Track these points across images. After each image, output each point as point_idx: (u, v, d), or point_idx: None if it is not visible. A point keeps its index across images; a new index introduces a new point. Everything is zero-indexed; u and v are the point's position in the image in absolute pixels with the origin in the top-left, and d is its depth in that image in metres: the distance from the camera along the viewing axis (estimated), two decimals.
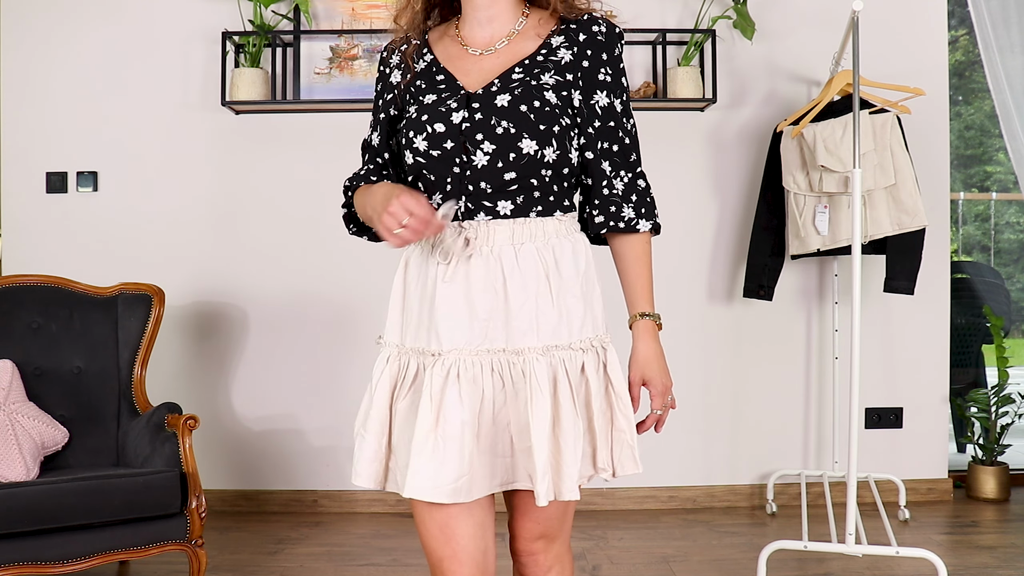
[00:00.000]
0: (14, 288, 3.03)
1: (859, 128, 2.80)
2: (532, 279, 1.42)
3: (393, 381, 1.46)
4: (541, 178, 1.44)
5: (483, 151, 1.41)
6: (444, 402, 1.38)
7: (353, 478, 1.46)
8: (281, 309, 3.73)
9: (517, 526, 1.54)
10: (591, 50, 1.47)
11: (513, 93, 1.42)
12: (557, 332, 1.42)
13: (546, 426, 1.37)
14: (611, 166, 1.50)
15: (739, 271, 3.74)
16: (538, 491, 1.37)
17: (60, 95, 3.70)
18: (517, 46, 1.48)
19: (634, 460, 1.47)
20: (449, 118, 1.42)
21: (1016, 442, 3.97)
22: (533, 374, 1.39)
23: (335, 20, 3.68)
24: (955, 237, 4.75)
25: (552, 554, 1.55)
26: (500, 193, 1.42)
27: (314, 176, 3.67)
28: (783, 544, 2.76)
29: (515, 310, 1.41)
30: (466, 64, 1.48)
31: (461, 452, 1.37)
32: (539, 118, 1.41)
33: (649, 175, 1.60)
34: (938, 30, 3.77)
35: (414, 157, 1.45)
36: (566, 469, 1.38)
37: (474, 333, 1.41)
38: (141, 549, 2.56)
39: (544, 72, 1.45)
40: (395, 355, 1.47)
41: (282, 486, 3.73)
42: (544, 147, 1.42)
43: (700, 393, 3.77)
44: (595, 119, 1.47)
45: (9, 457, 2.66)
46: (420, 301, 1.46)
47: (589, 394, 1.44)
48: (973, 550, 3.16)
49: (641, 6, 3.70)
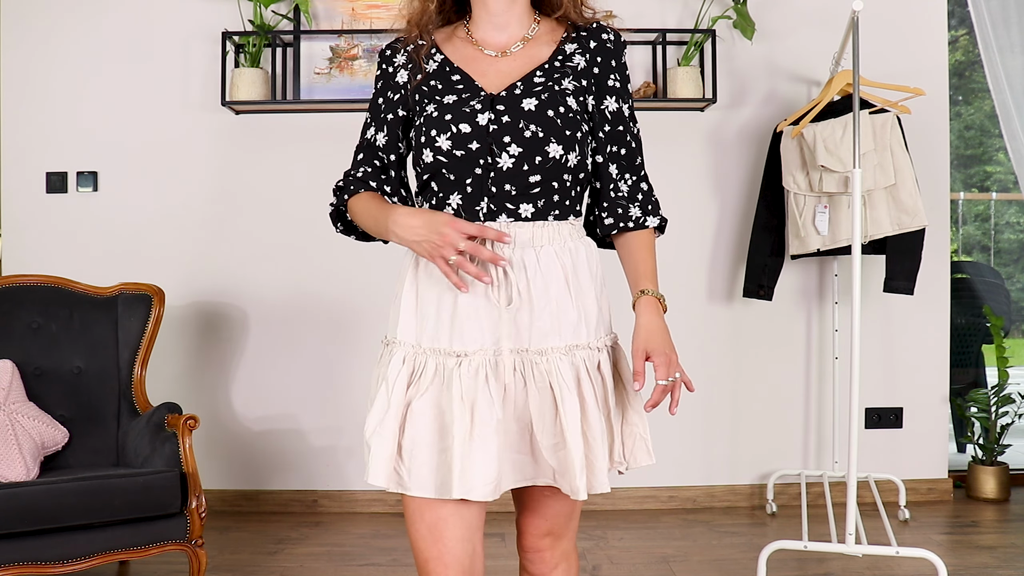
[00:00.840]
0: (14, 288, 3.03)
1: (859, 128, 2.79)
2: (553, 281, 1.45)
3: (408, 381, 1.46)
4: (562, 182, 1.47)
5: (509, 153, 1.43)
6: (477, 403, 1.41)
7: (370, 478, 1.44)
8: (281, 309, 3.73)
9: (525, 522, 1.57)
10: (601, 57, 1.52)
11: (540, 97, 1.45)
12: (577, 332, 1.46)
13: (577, 424, 1.41)
14: (618, 169, 1.54)
15: (739, 271, 3.74)
16: (577, 485, 1.40)
17: (60, 95, 3.70)
18: (533, 50, 1.51)
19: (647, 452, 1.52)
20: (475, 119, 1.44)
21: (1016, 442, 3.97)
22: (559, 372, 1.43)
23: (335, 20, 3.68)
24: (955, 237, 4.75)
25: (559, 551, 1.58)
26: (523, 196, 1.45)
27: (314, 176, 3.67)
28: (783, 544, 2.76)
29: (538, 311, 1.44)
30: (482, 66, 1.51)
31: (498, 451, 1.40)
32: (565, 123, 1.45)
33: (649, 175, 1.62)
34: (938, 30, 3.77)
35: (435, 156, 1.45)
36: (598, 463, 1.43)
37: (499, 333, 1.44)
38: (141, 549, 2.57)
39: (564, 77, 1.49)
40: (411, 355, 1.47)
41: (282, 486, 3.73)
42: (569, 152, 1.45)
43: (700, 393, 3.76)
44: (605, 123, 1.52)
45: (9, 457, 2.66)
46: (438, 302, 1.46)
47: (606, 391, 1.48)
48: (973, 550, 3.16)
49: (641, 6, 3.70)
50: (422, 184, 1.52)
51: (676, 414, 1.47)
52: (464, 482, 1.38)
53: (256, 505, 3.71)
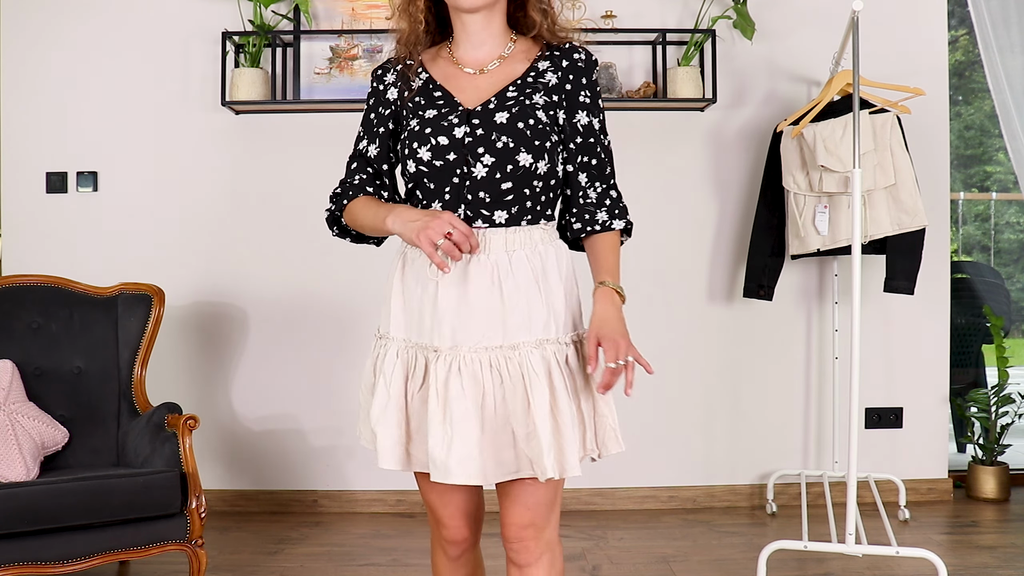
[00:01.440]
0: (14, 288, 3.03)
1: (859, 128, 2.79)
2: (524, 282, 1.58)
3: (405, 374, 1.62)
4: (533, 189, 1.60)
5: (483, 163, 1.57)
6: (449, 395, 1.54)
7: (380, 462, 1.60)
8: (281, 309, 3.73)
9: (508, 514, 1.65)
10: (573, 75, 1.65)
11: (511, 111, 1.58)
12: (547, 327, 1.59)
13: (546, 409, 1.53)
14: (588, 178, 1.66)
15: (739, 271, 3.74)
16: (545, 465, 1.51)
17: (60, 95, 3.70)
18: (508, 68, 1.65)
19: (616, 440, 1.62)
20: (452, 132, 1.58)
21: (1016, 442, 3.97)
22: (529, 365, 1.55)
23: (335, 20, 3.68)
24: (955, 237, 4.75)
25: (543, 542, 1.65)
26: (497, 203, 1.59)
27: (314, 176, 3.66)
28: (783, 544, 2.77)
29: (510, 309, 1.57)
30: (461, 82, 1.64)
31: (468, 438, 1.53)
32: (534, 134, 1.58)
33: (649, 175, 1.67)
34: (938, 30, 3.77)
35: (416, 166, 1.60)
36: (568, 447, 1.53)
37: (473, 331, 1.56)
38: (141, 549, 2.57)
39: (535, 92, 1.62)
40: (403, 349, 1.62)
41: (282, 486, 3.73)
42: (538, 160, 1.59)
43: (700, 393, 3.77)
44: (576, 136, 1.64)
45: (9, 457, 2.66)
46: (421, 300, 1.61)
47: (575, 383, 1.60)
48: (973, 550, 3.16)
49: (641, 6, 3.70)
50: (408, 192, 1.67)
51: (631, 395, 1.53)
52: (438, 467, 1.54)
53: (256, 505, 3.71)
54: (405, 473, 1.68)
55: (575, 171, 1.65)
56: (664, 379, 3.74)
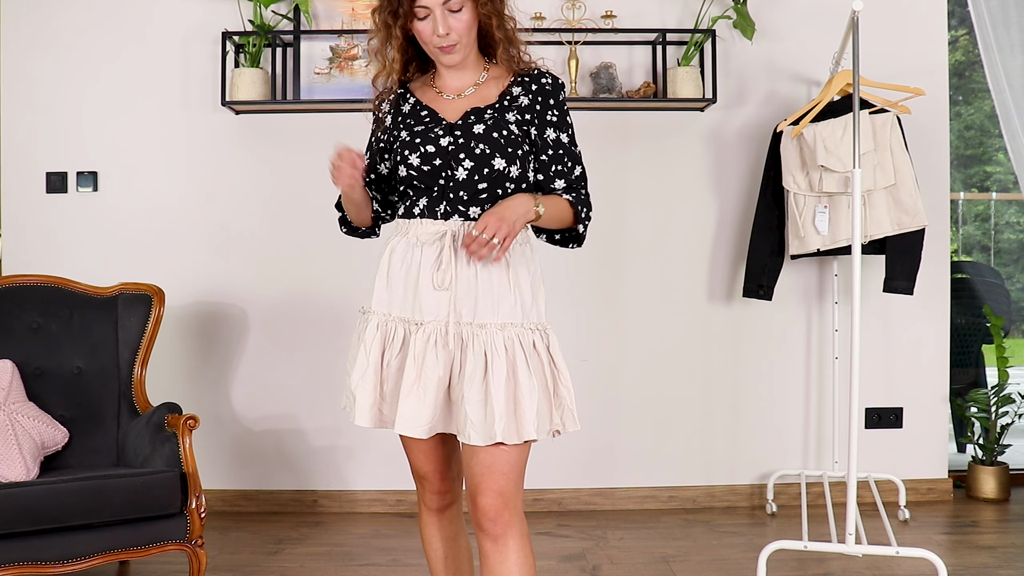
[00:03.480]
0: (14, 288, 3.03)
1: (859, 128, 2.79)
2: (495, 271, 1.82)
3: (382, 343, 1.86)
4: (505, 189, 1.86)
5: (464, 167, 1.83)
6: (425, 362, 1.79)
7: (356, 420, 1.85)
8: (281, 309, 3.73)
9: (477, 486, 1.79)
10: (541, 97, 1.90)
11: (487, 123, 1.85)
12: (512, 313, 1.81)
13: (502, 382, 1.75)
14: (564, 184, 1.91)
15: (739, 271, 3.74)
16: (495, 431, 1.72)
17: (60, 95, 3.70)
18: (483, 92, 1.91)
19: (574, 420, 1.84)
20: (438, 141, 1.85)
21: (1016, 442, 3.97)
22: (492, 342, 1.78)
23: (335, 20, 3.68)
24: (955, 237, 4.76)
25: (513, 512, 1.80)
26: (473, 200, 1.84)
27: (314, 176, 3.65)
28: (783, 544, 2.77)
29: (482, 294, 1.80)
30: (443, 104, 1.92)
31: (435, 401, 1.79)
32: (507, 143, 1.84)
33: (649, 175, 1.73)
34: (938, 30, 3.77)
35: (407, 171, 1.86)
36: (525, 415, 1.74)
37: (449, 309, 1.80)
38: (141, 549, 2.57)
39: (508, 111, 1.88)
40: (383, 322, 1.86)
41: (282, 486, 3.73)
42: (510, 165, 1.84)
43: (700, 393, 3.77)
44: (548, 149, 1.90)
45: (9, 457, 2.66)
46: (405, 281, 1.85)
47: (542, 365, 1.80)
48: (973, 550, 3.16)
49: (641, 6, 3.70)
50: (400, 193, 1.93)
51: (499, 257, 1.76)
52: (402, 421, 1.78)
53: (256, 505, 3.71)
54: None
55: (547, 179, 1.90)
56: (664, 379, 3.74)
